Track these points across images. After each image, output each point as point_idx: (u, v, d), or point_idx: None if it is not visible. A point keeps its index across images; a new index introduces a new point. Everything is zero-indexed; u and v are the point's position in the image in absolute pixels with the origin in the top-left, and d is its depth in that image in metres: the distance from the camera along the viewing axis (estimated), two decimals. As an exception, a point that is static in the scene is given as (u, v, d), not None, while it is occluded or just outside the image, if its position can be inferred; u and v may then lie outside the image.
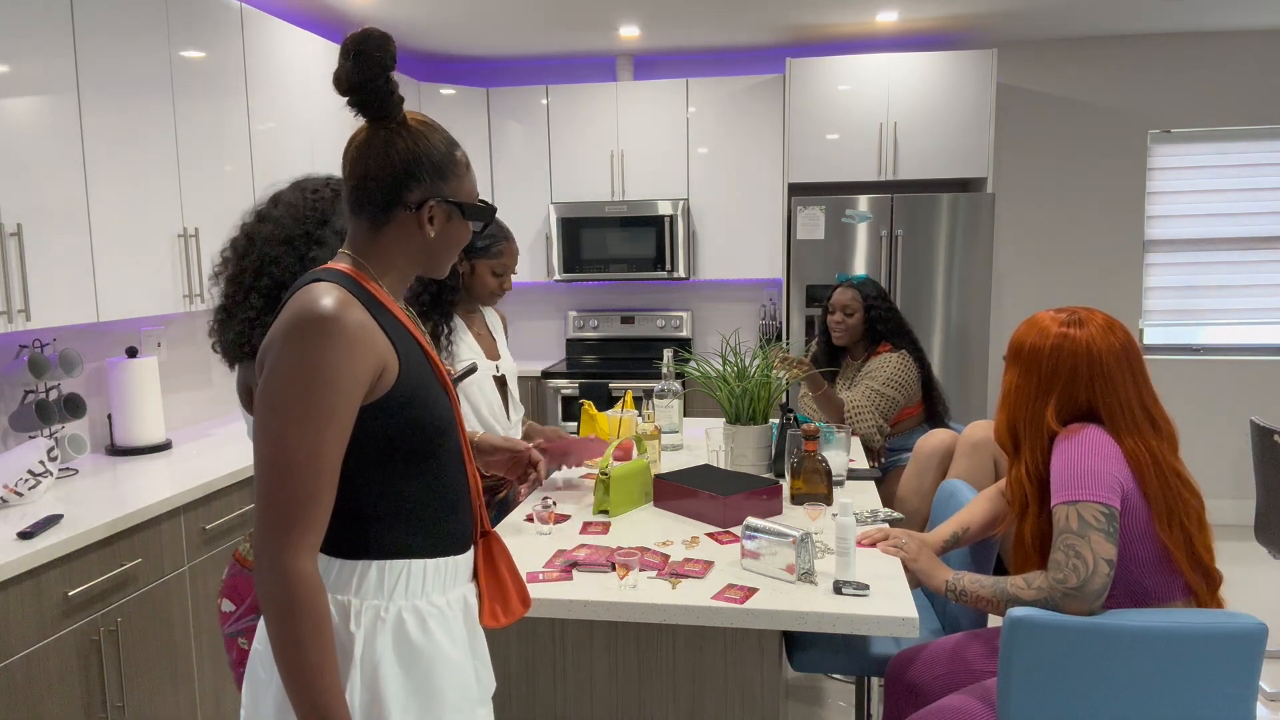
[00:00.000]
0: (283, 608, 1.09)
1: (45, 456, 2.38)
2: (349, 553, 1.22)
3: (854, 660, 2.15)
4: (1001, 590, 1.71)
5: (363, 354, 1.15)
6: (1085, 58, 4.89)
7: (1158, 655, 1.59)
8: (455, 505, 1.31)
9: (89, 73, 2.56)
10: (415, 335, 1.29)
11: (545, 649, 1.85)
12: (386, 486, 1.23)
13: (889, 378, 3.20)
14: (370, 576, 1.21)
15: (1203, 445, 5.01)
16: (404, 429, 1.22)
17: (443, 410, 1.28)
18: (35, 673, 2.01)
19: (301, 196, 1.70)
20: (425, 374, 1.27)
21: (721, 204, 4.92)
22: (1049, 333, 1.77)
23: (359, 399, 1.16)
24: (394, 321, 1.25)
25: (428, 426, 1.24)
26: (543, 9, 4.06)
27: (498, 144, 5.06)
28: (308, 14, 4.03)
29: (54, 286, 2.45)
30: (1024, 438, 1.80)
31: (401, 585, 1.23)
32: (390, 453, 1.22)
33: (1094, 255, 5.01)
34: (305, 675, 1.09)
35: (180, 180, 2.94)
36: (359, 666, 1.19)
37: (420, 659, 1.22)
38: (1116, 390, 1.73)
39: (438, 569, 1.27)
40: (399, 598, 1.23)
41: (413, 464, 1.25)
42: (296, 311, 1.14)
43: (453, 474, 1.31)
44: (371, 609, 1.21)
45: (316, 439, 1.12)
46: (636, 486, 2.33)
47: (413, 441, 1.23)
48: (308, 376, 1.12)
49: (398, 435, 1.22)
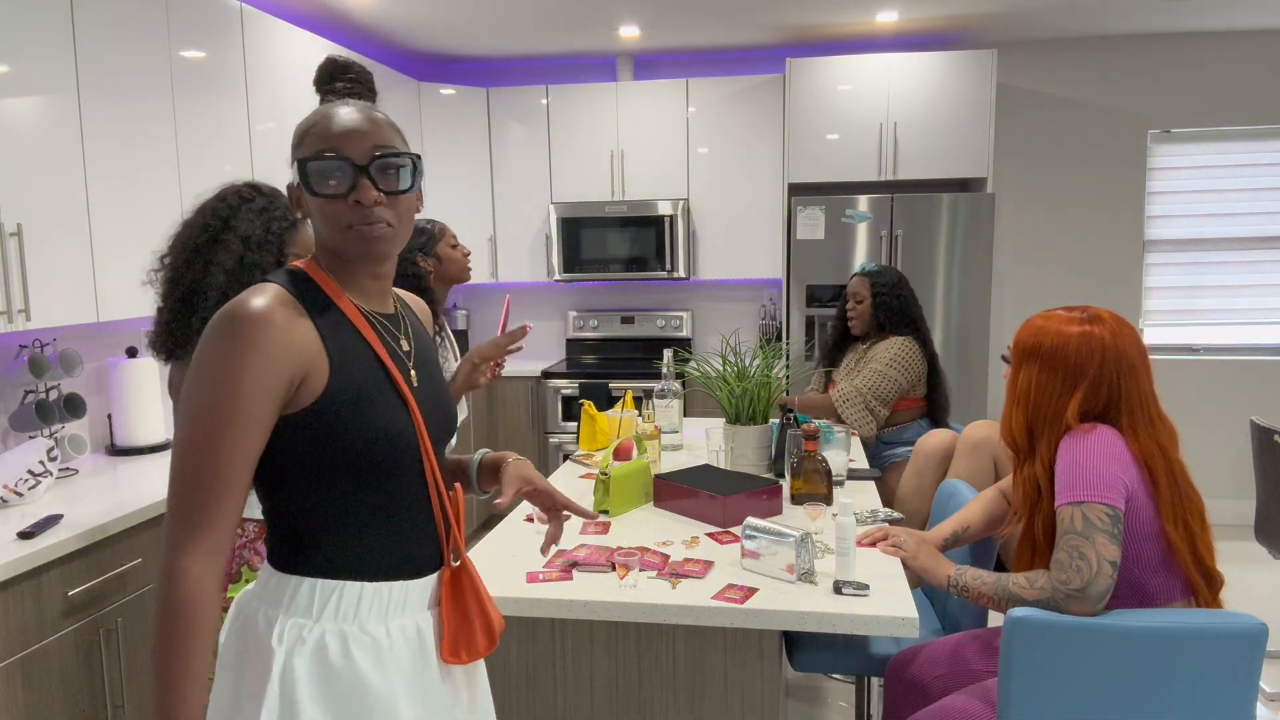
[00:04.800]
0: (161, 604, 1.06)
1: (45, 456, 2.38)
2: (285, 566, 1.18)
3: (854, 660, 2.15)
4: (1003, 588, 1.71)
5: (272, 357, 1.09)
6: (1085, 58, 4.89)
7: (1158, 655, 1.59)
8: (407, 528, 1.23)
9: (89, 73, 2.56)
10: (370, 340, 1.20)
11: (545, 649, 1.85)
12: (323, 501, 1.17)
13: (891, 358, 3.24)
14: (301, 593, 1.16)
15: (1203, 445, 5.01)
16: (337, 440, 1.14)
17: (392, 424, 1.18)
18: (35, 673, 2.01)
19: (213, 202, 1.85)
20: (371, 382, 1.18)
21: (721, 204, 4.92)
22: (1070, 330, 1.78)
23: (268, 404, 1.10)
24: (339, 323, 1.18)
25: (368, 440, 1.15)
26: (543, 9, 4.06)
27: (498, 144, 5.06)
28: (308, 14, 4.03)
29: (54, 286, 2.45)
30: (1042, 435, 1.80)
31: (331, 606, 1.17)
32: (325, 465, 1.15)
33: (1094, 255, 5.01)
34: (163, 675, 1.06)
35: (180, 180, 2.94)
36: (276, 683, 1.14)
37: (339, 685, 1.15)
38: (1139, 383, 1.74)
39: (377, 594, 1.19)
40: (326, 620, 1.16)
41: (354, 479, 1.17)
42: (219, 312, 1.11)
43: (407, 494, 1.22)
44: (296, 627, 1.15)
45: (214, 442, 1.07)
46: (636, 486, 2.33)
47: (350, 455, 1.15)
48: (209, 378, 1.08)
49: (331, 447, 1.14)
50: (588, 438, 2.97)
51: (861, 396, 3.22)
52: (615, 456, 2.61)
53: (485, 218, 5.11)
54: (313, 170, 1.15)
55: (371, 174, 1.16)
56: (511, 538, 2.11)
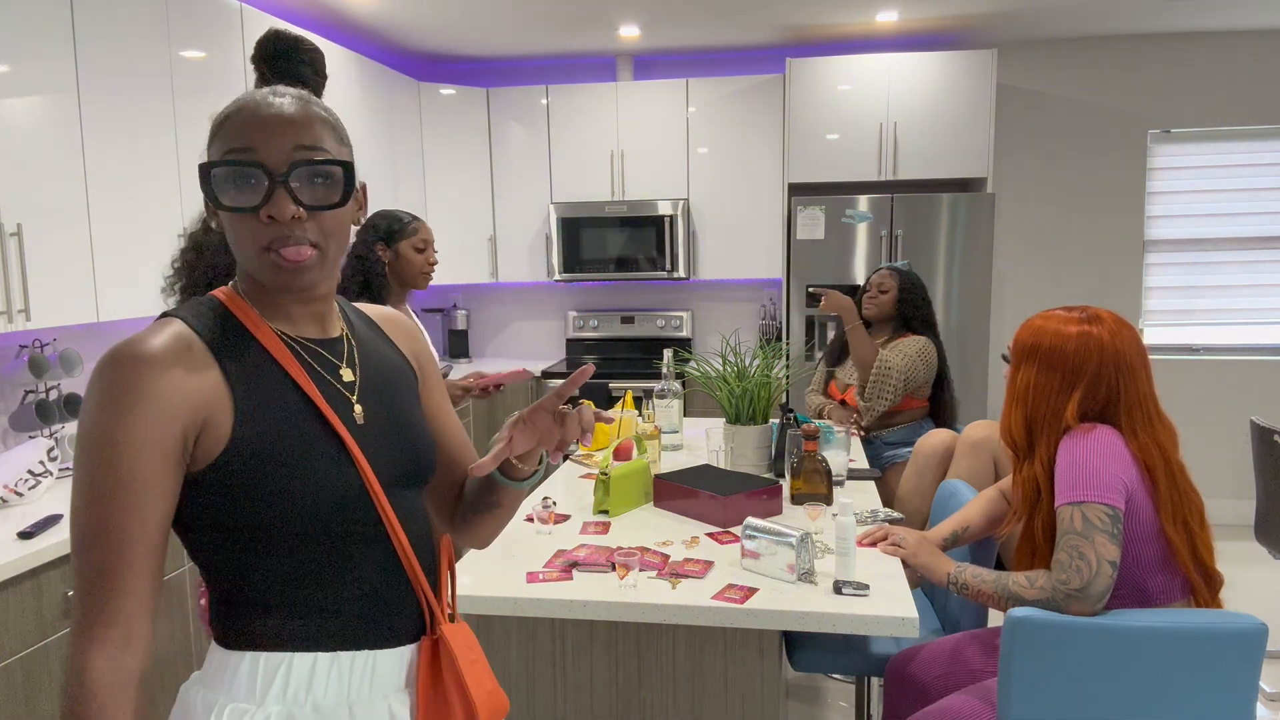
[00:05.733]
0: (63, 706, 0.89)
1: (45, 456, 2.38)
2: (227, 641, 0.99)
3: (854, 660, 2.15)
4: (1004, 587, 1.71)
5: (158, 407, 0.90)
6: (1085, 58, 4.89)
7: (1158, 655, 1.59)
8: (369, 591, 1.02)
9: (89, 73, 2.56)
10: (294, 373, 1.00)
11: (545, 649, 1.85)
12: (259, 567, 0.97)
13: (918, 352, 3.24)
14: (242, 671, 0.97)
15: (1203, 445, 5.01)
16: (253, 502, 0.94)
17: (322, 475, 0.97)
18: (35, 673, 2.01)
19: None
20: (290, 427, 0.97)
21: (721, 204, 4.92)
22: (1069, 330, 1.78)
23: (159, 462, 0.91)
24: (253, 359, 0.98)
25: (291, 497, 0.95)
26: (543, 9, 4.06)
27: (498, 144, 5.06)
28: (308, 14, 4.03)
29: (54, 286, 2.45)
30: (1041, 434, 1.80)
31: (278, 686, 0.97)
32: (250, 528, 0.95)
33: (1094, 255, 5.01)
34: None
35: (180, 180, 2.94)
36: None
37: None
38: (1138, 383, 1.74)
39: (335, 666, 0.99)
40: (271, 703, 0.97)
41: (288, 544, 0.97)
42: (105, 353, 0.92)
43: (363, 555, 1.02)
44: (236, 713, 0.96)
45: (104, 511, 0.89)
46: (636, 486, 2.33)
47: (275, 517, 0.95)
48: (90, 436, 0.90)
49: (248, 509, 0.94)
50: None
51: (896, 374, 3.21)
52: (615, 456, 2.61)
53: (485, 218, 5.11)
54: (217, 177, 0.94)
55: (290, 183, 0.94)
56: (512, 538, 2.11)
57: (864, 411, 3.24)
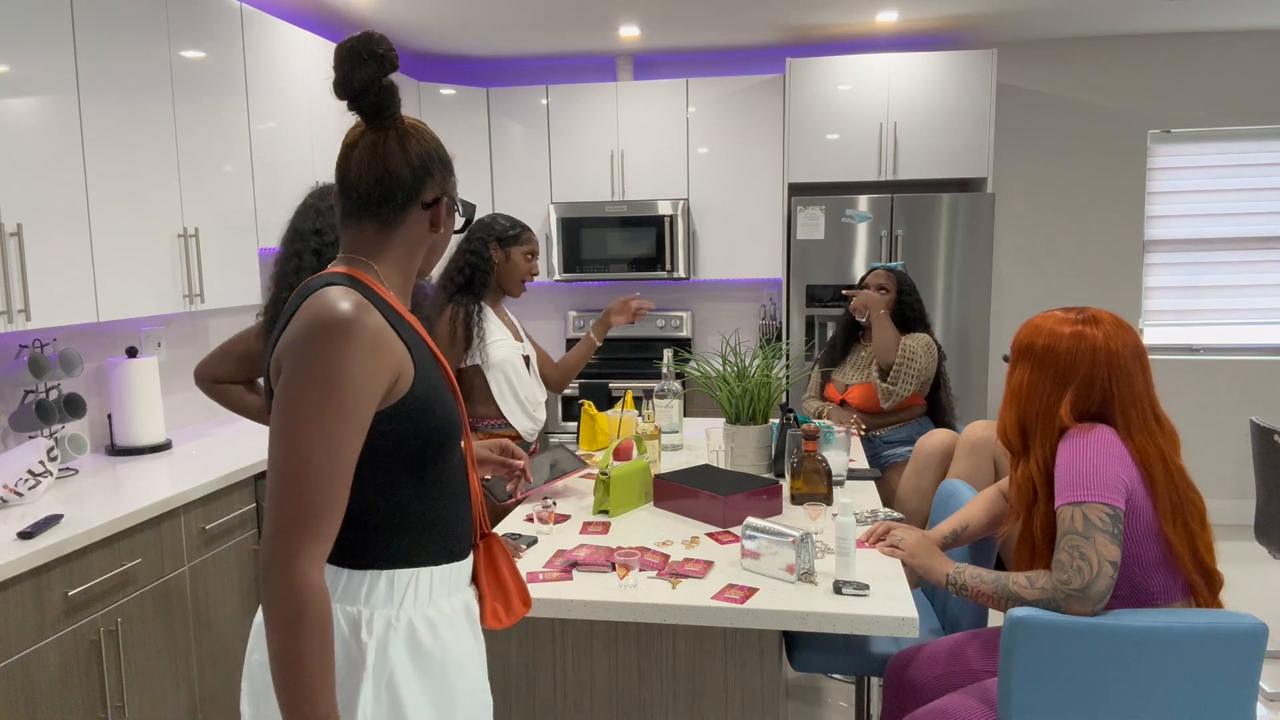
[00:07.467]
0: (291, 618, 1.05)
1: (45, 456, 2.38)
2: (356, 563, 1.20)
3: (854, 660, 2.15)
4: (1003, 587, 1.71)
5: (381, 358, 1.14)
6: (1085, 58, 4.89)
7: (1158, 655, 1.59)
8: (460, 511, 1.30)
9: (89, 73, 2.56)
10: (426, 340, 1.28)
11: (545, 649, 1.85)
12: (393, 495, 1.21)
13: (925, 347, 3.25)
14: (380, 586, 1.20)
15: (1203, 445, 5.01)
16: (415, 435, 1.20)
17: (452, 416, 1.26)
18: (35, 673, 2.01)
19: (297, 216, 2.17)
20: (436, 379, 1.25)
21: (721, 204, 4.92)
22: (1063, 330, 1.78)
23: (375, 403, 1.14)
24: (406, 325, 1.24)
25: (438, 432, 1.22)
26: (543, 9, 4.06)
27: (498, 144, 5.06)
28: (308, 14, 4.03)
29: (54, 286, 2.45)
30: (1035, 433, 1.80)
31: (411, 593, 1.22)
32: (398, 460, 1.20)
33: (1094, 255, 5.01)
34: (304, 689, 1.05)
35: (180, 180, 2.94)
36: (371, 678, 1.16)
37: (434, 665, 1.22)
38: (1133, 386, 1.74)
39: (444, 575, 1.26)
40: (409, 606, 1.21)
41: (420, 471, 1.23)
42: (315, 315, 1.12)
43: (458, 480, 1.30)
44: (383, 618, 1.19)
45: (335, 443, 1.09)
46: (636, 486, 2.33)
47: (423, 448, 1.21)
48: (327, 380, 1.09)
49: (408, 442, 1.20)
50: (588, 438, 2.97)
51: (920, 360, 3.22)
52: (615, 456, 2.61)
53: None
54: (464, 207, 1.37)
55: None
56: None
57: (884, 395, 3.24)
